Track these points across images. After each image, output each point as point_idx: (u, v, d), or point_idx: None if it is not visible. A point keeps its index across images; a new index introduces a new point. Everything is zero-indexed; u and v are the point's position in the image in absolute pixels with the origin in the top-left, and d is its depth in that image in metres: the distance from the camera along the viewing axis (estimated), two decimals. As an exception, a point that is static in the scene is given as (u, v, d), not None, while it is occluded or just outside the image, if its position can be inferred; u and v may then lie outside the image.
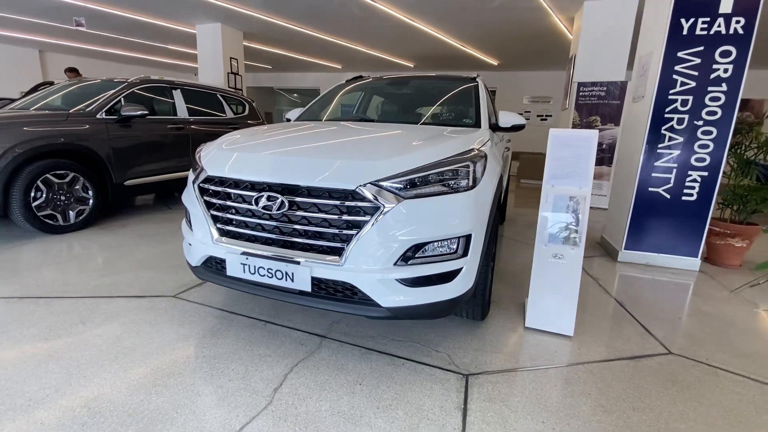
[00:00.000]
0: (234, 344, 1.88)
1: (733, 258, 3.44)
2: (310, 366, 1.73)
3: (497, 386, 1.65)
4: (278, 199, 1.62)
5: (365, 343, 1.94)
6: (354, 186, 1.55)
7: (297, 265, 1.61)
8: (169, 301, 2.32)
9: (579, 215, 2.10)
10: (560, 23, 7.24)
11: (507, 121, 2.61)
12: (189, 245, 1.99)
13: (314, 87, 14.30)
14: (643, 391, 1.66)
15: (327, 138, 2.07)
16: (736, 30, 2.94)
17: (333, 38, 8.85)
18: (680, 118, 3.18)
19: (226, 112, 5.68)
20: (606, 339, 2.10)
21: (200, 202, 1.84)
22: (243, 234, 1.76)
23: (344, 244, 1.58)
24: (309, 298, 1.65)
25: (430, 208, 1.58)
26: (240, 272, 1.72)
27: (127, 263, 2.92)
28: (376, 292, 1.57)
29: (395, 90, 3.15)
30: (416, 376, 1.69)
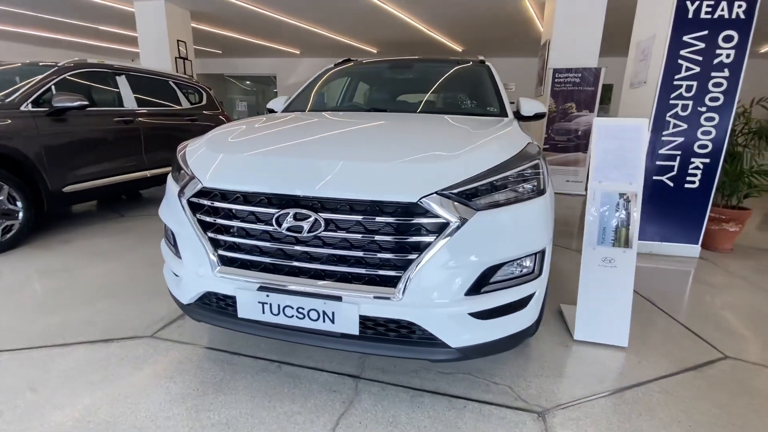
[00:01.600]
0: (248, 400, 1.48)
1: (727, 242, 3.50)
2: (355, 423, 1.38)
3: (580, 424, 1.40)
4: (310, 217, 1.23)
5: (410, 381, 1.62)
6: (416, 198, 1.19)
7: (338, 301, 1.24)
8: (146, 344, 1.84)
9: (630, 213, 1.90)
10: (531, 8, 7.16)
11: (529, 110, 2.36)
12: (175, 276, 1.54)
13: (270, 73, 13.41)
14: (728, 409, 1.50)
15: (354, 136, 1.68)
16: (738, 14, 2.89)
17: (293, 20, 8.19)
18: (684, 105, 3.12)
19: (181, 101, 4.97)
20: (657, 346, 1.94)
21: (192, 222, 1.39)
22: (257, 262, 1.34)
23: (400, 271, 1.22)
24: (355, 342, 1.28)
25: (506, 221, 1.27)
26: (257, 313, 1.32)
27: (80, 292, 2.34)
28: (445, 331, 1.25)
29: (400, 75, 2.78)
30: (485, 423, 1.40)
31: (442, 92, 2.64)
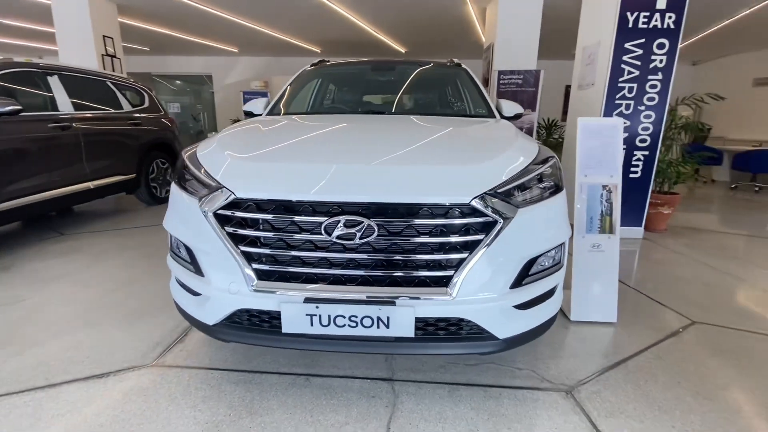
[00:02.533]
0: (288, 418, 1.41)
1: (662, 223, 4.02)
2: (405, 423, 1.39)
3: (603, 396, 1.55)
4: (363, 223, 1.21)
5: (442, 377, 1.66)
6: (468, 199, 1.24)
7: (392, 306, 1.24)
8: (149, 373, 1.67)
9: (613, 203, 2.12)
10: (473, 13, 7.54)
11: (510, 111, 2.52)
12: (194, 296, 1.42)
13: (204, 73, 12.57)
14: (711, 368, 1.75)
15: (383, 139, 1.68)
16: (669, 24, 3.33)
17: (232, 16, 7.76)
18: (627, 104, 3.53)
19: (122, 104, 4.50)
20: (638, 319, 2.19)
21: (220, 235, 1.30)
22: (299, 274, 1.29)
23: (452, 271, 1.26)
24: (410, 344, 1.29)
25: (539, 217, 1.37)
26: (305, 326, 1.27)
27: (45, 324, 2.05)
28: (493, 324, 1.31)
29: (388, 77, 2.79)
30: (524, 407, 1.49)
31: (434, 94, 2.72)
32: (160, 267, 2.86)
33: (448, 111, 2.54)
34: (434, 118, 2.13)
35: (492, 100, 2.47)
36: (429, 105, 2.66)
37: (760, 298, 2.50)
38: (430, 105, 2.67)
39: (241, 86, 11.96)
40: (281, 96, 2.59)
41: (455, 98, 2.69)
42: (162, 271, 2.79)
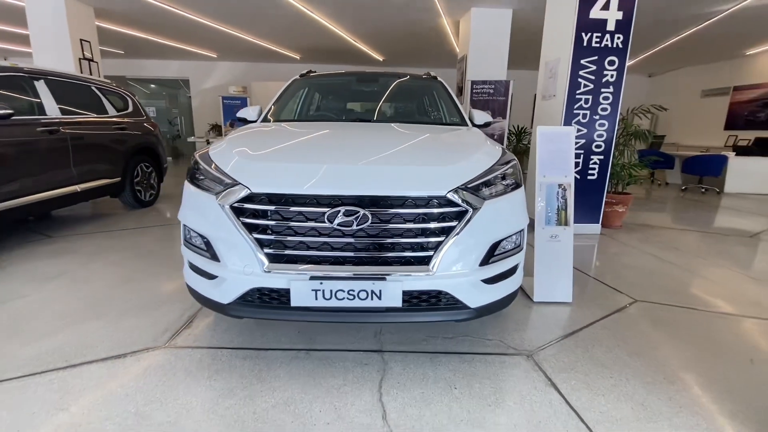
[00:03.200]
0: (295, 383, 1.64)
1: (617, 220, 4.47)
2: (395, 384, 1.65)
3: (558, 357, 1.86)
4: (359, 213, 1.47)
5: (424, 347, 1.93)
6: (444, 192, 1.52)
7: (383, 281, 1.50)
8: (164, 353, 1.85)
9: (567, 199, 2.47)
10: (447, 25, 7.96)
11: (480, 120, 2.84)
12: (210, 280, 1.63)
13: (180, 77, 12.48)
14: (648, 334, 2.10)
15: (371, 143, 1.95)
16: (618, 44, 3.78)
17: (211, 22, 7.87)
18: (584, 113, 3.95)
19: (107, 109, 4.57)
20: (590, 299, 2.54)
21: (236, 225, 1.53)
22: (305, 256, 1.54)
23: (432, 252, 1.54)
24: (398, 313, 1.56)
25: (502, 208, 1.67)
26: (310, 300, 1.51)
27: (52, 317, 2.18)
28: (466, 295, 1.59)
29: (371, 88, 3.06)
30: (494, 368, 1.78)
31: (413, 104, 3.01)
32: (154, 266, 3.01)
33: (426, 119, 2.84)
34: (413, 126, 2.42)
35: (465, 109, 2.79)
36: (408, 114, 2.96)
37: (692, 280, 2.92)
38: (409, 114, 2.97)
39: (219, 91, 11.96)
40: (274, 104, 2.81)
41: (432, 108, 3.00)
42: (157, 269, 2.94)
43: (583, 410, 1.51)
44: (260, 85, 10.75)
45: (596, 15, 3.70)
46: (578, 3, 3.66)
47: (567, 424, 1.44)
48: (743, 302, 2.53)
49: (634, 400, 1.58)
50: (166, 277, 2.77)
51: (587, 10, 3.69)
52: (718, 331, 2.16)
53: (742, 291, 2.72)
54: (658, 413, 1.51)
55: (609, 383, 1.68)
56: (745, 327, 2.22)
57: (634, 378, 1.72)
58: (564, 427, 1.42)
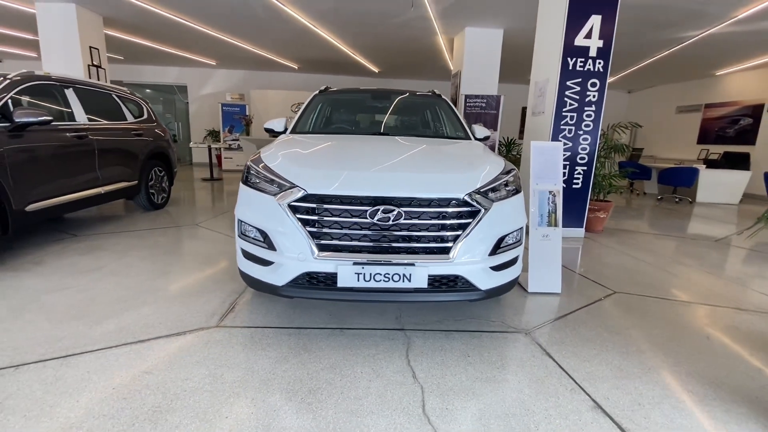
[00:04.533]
0: (336, 352, 1.97)
1: (599, 225, 4.93)
2: (419, 353, 1.99)
3: (551, 334, 2.24)
4: (394, 210, 1.83)
5: (439, 326, 2.28)
6: (462, 194, 1.89)
7: (413, 266, 1.85)
8: (218, 332, 2.15)
9: (556, 204, 2.87)
10: (441, 42, 8.45)
11: (481, 134, 3.24)
12: (265, 266, 1.96)
13: (178, 83, 12.68)
14: (625, 318, 2.50)
15: (395, 152, 2.33)
16: (599, 68, 4.26)
17: (216, 32, 8.17)
18: (570, 129, 4.40)
19: (126, 115, 4.84)
20: (576, 291, 2.94)
21: (293, 220, 1.86)
22: (347, 246, 1.88)
23: (451, 243, 1.90)
24: (423, 293, 1.91)
25: (507, 209, 2.05)
26: (353, 282, 1.85)
27: (106, 304, 2.45)
28: (478, 279, 1.95)
29: (385, 104, 3.44)
30: (498, 341, 2.14)
31: (424, 120, 3.41)
32: (184, 262, 3.29)
33: (436, 133, 3.24)
34: (427, 140, 2.81)
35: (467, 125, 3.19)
36: (421, 128, 3.37)
37: (662, 276, 3.35)
38: (421, 128, 3.38)
39: (217, 98, 12.21)
40: (301, 117, 3.15)
41: (440, 123, 3.40)
42: (188, 264, 3.23)
43: (572, 371, 1.88)
44: (259, 93, 11.05)
45: (580, 42, 4.18)
46: (565, 31, 4.13)
47: (560, 380, 1.81)
48: (702, 293, 2.97)
49: (612, 364, 1.96)
50: (198, 271, 3.06)
51: (573, 38, 4.16)
52: (681, 316, 2.57)
53: (702, 284, 3.17)
54: (630, 373, 1.89)
55: (592, 353, 2.06)
56: (702, 312, 2.64)
57: (613, 349, 2.11)
58: (558, 382, 1.79)
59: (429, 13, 6.59)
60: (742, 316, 2.60)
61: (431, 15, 6.68)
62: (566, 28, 4.13)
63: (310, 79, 12.76)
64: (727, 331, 2.37)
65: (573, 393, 1.72)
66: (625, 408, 1.64)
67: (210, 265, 3.20)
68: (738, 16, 6.08)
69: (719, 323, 2.48)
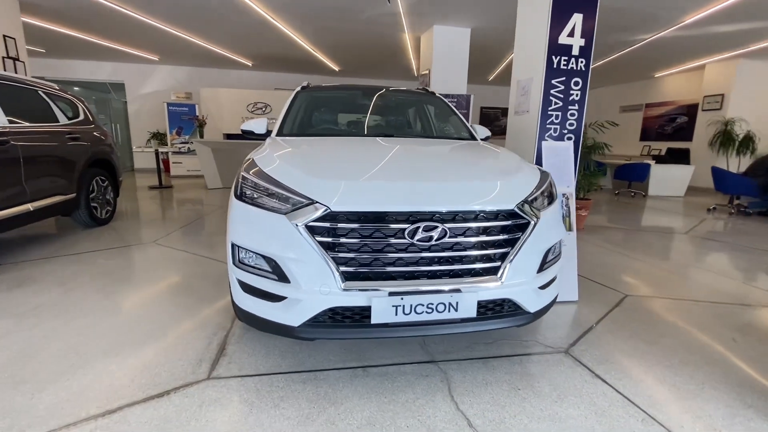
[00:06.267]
0: (368, 401, 1.63)
1: (581, 223, 4.96)
2: (464, 392, 1.71)
3: (590, 351, 2.06)
4: (437, 227, 1.52)
5: (472, 354, 2.01)
6: (512, 205, 1.63)
7: (459, 293, 1.56)
8: (210, 386, 1.72)
9: (570, 207, 2.72)
10: (408, 40, 8.25)
11: (483, 134, 3.04)
12: (276, 303, 1.57)
13: (114, 80, 11.37)
14: (651, 326, 2.39)
15: (418, 157, 2.05)
16: (581, 67, 4.24)
17: (158, 23, 7.33)
18: (555, 128, 4.34)
19: (57, 116, 4.07)
20: (590, 296, 2.81)
21: (313, 244, 1.49)
22: (380, 273, 1.54)
23: (499, 262, 1.63)
24: (471, 323, 1.62)
25: (549, 218, 1.82)
26: (390, 316, 1.52)
27: (53, 359, 1.90)
28: (527, 301, 1.71)
29: (377, 103, 3.10)
30: (542, 366, 1.91)
31: (424, 119, 3.12)
32: (145, 293, 2.75)
33: (444, 134, 2.98)
34: (440, 141, 2.55)
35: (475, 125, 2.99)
36: (426, 128, 3.11)
37: (660, 274, 3.35)
38: (427, 128, 3.12)
39: (160, 97, 11.11)
40: (286, 118, 2.73)
41: (442, 122, 3.14)
42: (151, 296, 2.69)
43: (633, 396, 1.70)
44: (210, 92, 10.18)
45: (564, 41, 4.12)
46: (549, 29, 4.05)
47: (626, 409, 1.61)
48: (708, 291, 2.98)
49: (666, 382, 1.81)
50: (168, 304, 2.54)
51: (556, 36, 4.09)
52: (698, 317, 2.52)
53: (703, 282, 3.20)
54: (688, 392, 1.74)
55: (640, 370, 1.90)
56: (713, 312, 2.61)
57: (658, 363, 1.96)
58: (625, 412, 1.59)
59: (399, 9, 6.33)
60: (756, 312, 2.61)
61: (401, 11, 6.43)
62: (550, 26, 4.05)
63: (265, 77, 12.04)
64: (746, 330, 2.34)
65: (646, 425, 1.53)
66: (706, 439, 1.47)
67: (182, 294, 2.69)
68: (685, 21, 6.48)
69: (733, 322, 2.46)
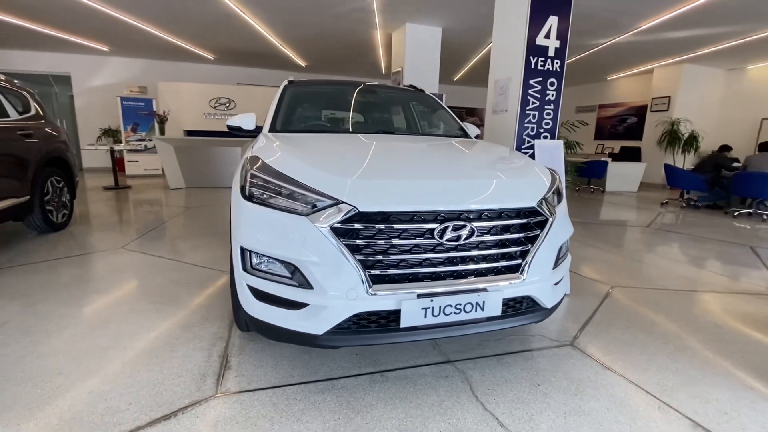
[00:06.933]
0: (393, 408, 1.58)
1: (555, 219, 5.16)
2: (485, 390, 1.70)
3: (594, 343, 2.13)
4: (466, 226, 1.50)
5: (484, 351, 2.01)
6: (534, 203, 1.64)
7: (486, 292, 1.55)
8: (221, 403, 1.59)
9: (562, 203, 2.80)
10: (378, 38, 8.20)
11: (473, 132, 3.07)
12: (302, 309, 1.48)
13: (57, 72, 10.40)
14: (643, 315, 2.52)
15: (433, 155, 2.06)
16: (556, 68, 4.41)
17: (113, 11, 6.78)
18: (532, 128, 4.49)
19: (8, 111, 3.64)
20: (580, 290, 2.92)
21: (339, 247, 1.42)
22: (407, 275, 1.50)
23: (520, 260, 1.64)
24: (496, 321, 1.62)
25: (562, 215, 1.85)
26: (419, 319, 1.48)
27: (30, 381, 1.68)
28: (545, 296, 1.73)
29: (376, 100, 3.01)
30: (555, 360, 1.95)
31: (421, 116, 3.08)
32: (124, 300, 2.52)
33: (443, 132, 2.99)
34: (444, 139, 2.56)
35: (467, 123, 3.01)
36: (425, 125, 3.11)
37: (636, 265, 3.56)
38: (425, 125, 3.11)
39: (111, 90, 10.31)
40: (278, 113, 2.59)
41: (437, 119, 3.13)
42: (130, 306, 2.47)
43: (644, 384, 1.77)
44: (170, 86, 9.56)
45: (541, 42, 4.26)
46: (527, 30, 4.17)
47: (641, 398, 1.68)
48: (683, 280, 3.20)
49: (670, 369, 1.91)
50: (152, 315, 2.34)
51: (534, 37, 4.23)
52: (682, 305, 2.69)
53: (679, 272, 3.43)
54: (692, 378, 1.84)
55: (643, 358, 1.99)
56: (704, 299, 2.81)
57: (658, 351, 2.07)
58: (642, 401, 1.65)
59: (373, 6, 6.27)
60: (725, 298, 2.83)
61: (374, 7, 6.37)
62: (529, 27, 4.17)
63: (226, 72, 11.52)
64: (727, 316, 2.53)
65: (663, 412, 1.60)
66: (717, 419, 1.56)
67: (166, 303, 2.49)
68: (641, 27, 6.94)
69: (712, 308, 2.65)
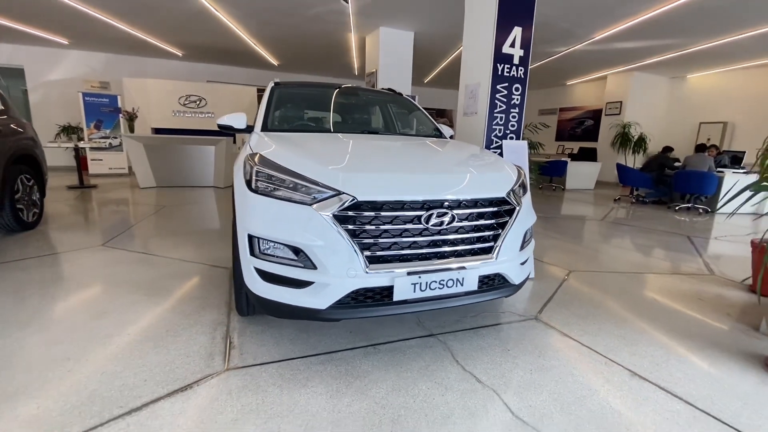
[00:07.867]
0: (386, 372, 1.81)
1: (520, 214, 5.59)
2: (465, 356, 1.97)
3: (554, 317, 2.46)
4: (448, 214, 1.75)
5: (462, 325, 2.29)
6: (503, 193, 1.92)
7: (464, 270, 1.81)
8: (233, 375, 1.76)
9: (526, 197, 3.14)
10: (352, 40, 8.39)
11: (447, 133, 3.36)
12: (307, 287, 1.68)
13: (9, 65, 9.82)
14: (596, 294, 2.89)
15: (416, 152, 2.30)
16: (521, 75, 4.80)
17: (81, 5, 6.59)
18: (499, 129, 4.86)
19: (-27, 106, 3.54)
20: (543, 274, 3.28)
21: (340, 232, 1.63)
22: (397, 256, 1.73)
23: (493, 242, 1.92)
24: (473, 295, 1.88)
25: (527, 205, 2.15)
26: (410, 293, 1.72)
27: (44, 364, 1.77)
28: (513, 274, 2.02)
29: (355, 101, 3.21)
30: (522, 331, 2.26)
31: (400, 118, 3.32)
32: (118, 293, 2.60)
33: (420, 132, 3.25)
34: (422, 139, 2.80)
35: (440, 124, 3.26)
36: (404, 126, 3.37)
37: (591, 253, 3.99)
38: (404, 126, 3.37)
39: (70, 85, 9.85)
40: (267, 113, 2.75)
41: (416, 121, 3.38)
42: (127, 299, 2.56)
43: (594, 346, 2.11)
44: (136, 83, 9.29)
45: (507, 50, 4.63)
46: (495, 39, 4.52)
47: (592, 357, 2.00)
48: (631, 264, 3.64)
49: (614, 334, 2.26)
50: (149, 305, 2.44)
51: (501, 46, 4.59)
52: (628, 284, 3.10)
53: (627, 258, 3.88)
54: (632, 340, 2.20)
55: (595, 327, 2.34)
56: (646, 279, 3.23)
57: (607, 321, 2.43)
58: (592, 359, 1.98)
59: (348, 9, 6.46)
60: (663, 279, 3.28)
61: (350, 11, 6.56)
62: (495, 37, 4.53)
63: (195, 69, 11.30)
64: (663, 293, 2.95)
65: (608, 366, 1.93)
66: (651, 370, 1.91)
67: (159, 295, 2.58)
68: (595, 38, 7.56)
69: (652, 287, 3.08)
